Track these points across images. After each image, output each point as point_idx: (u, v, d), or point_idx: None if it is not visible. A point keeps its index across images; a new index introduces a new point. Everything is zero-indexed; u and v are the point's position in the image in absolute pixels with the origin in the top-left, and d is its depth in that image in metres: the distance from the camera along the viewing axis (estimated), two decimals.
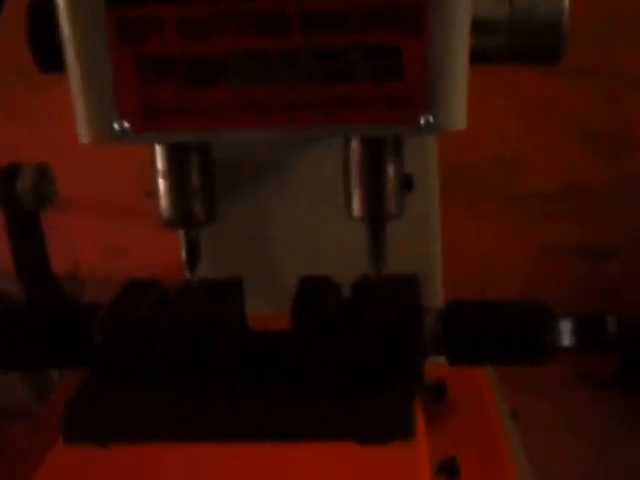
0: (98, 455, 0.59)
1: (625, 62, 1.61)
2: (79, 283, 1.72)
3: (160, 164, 0.61)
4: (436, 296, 0.88)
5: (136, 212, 1.77)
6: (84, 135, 0.55)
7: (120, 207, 1.84)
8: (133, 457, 0.58)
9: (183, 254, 0.65)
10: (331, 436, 0.58)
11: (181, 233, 0.65)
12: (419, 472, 0.56)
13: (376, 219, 0.63)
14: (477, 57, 0.58)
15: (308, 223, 0.85)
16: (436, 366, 0.65)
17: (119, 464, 0.58)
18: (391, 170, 0.61)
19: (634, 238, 1.72)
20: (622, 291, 1.73)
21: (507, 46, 0.60)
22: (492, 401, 0.74)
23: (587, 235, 1.74)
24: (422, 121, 0.54)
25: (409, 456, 0.56)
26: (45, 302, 0.69)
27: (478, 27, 0.57)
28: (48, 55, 0.57)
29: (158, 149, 0.61)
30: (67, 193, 1.81)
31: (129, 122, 0.54)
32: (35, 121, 1.76)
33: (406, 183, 0.62)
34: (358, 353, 0.61)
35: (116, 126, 0.54)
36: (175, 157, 0.61)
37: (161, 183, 0.62)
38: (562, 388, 1.59)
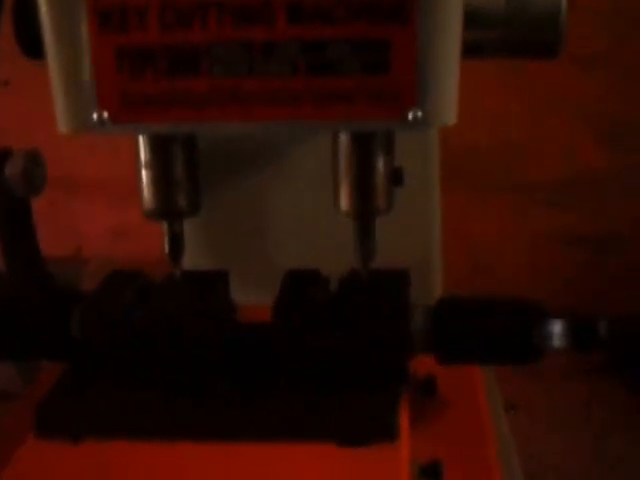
0: (70, 451, 0.58)
1: (631, 49, 1.59)
2: (81, 264, 1.71)
3: (143, 155, 0.60)
4: (435, 289, 0.87)
5: (137, 192, 1.76)
6: (62, 124, 0.54)
7: (125, 188, 1.83)
8: (106, 454, 0.57)
9: (166, 246, 0.64)
10: (312, 437, 0.57)
11: (164, 225, 0.63)
12: (398, 476, 0.54)
13: (364, 214, 0.61)
14: (472, 50, 0.56)
15: (299, 213, 0.84)
16: (427, 359, 0.63)
17: (90, 461, 0.57)
18: (380, 165, 0.59)
19: (639, 227, 1.70)
20: (625, 281, 1.71)
21: (503, 39, 0.58)
22: (483, 396, 0.73)
23: (591, 224, 1.72)
24: (410, 116, 0.52)
25: (389, 459, 0.55)
26: (31, 291, 0.68)
27: (473, 19, 0.55)
28: (31, 42, 0.56)
29: (141, 140, 0.59)
30: (72, 174, 1.81)
31: (108, 112, 0.53)
32: (42, 100, 1.75)
33: (396, 177, 0.60)
34: (342, 351, 0.59)
35: (95, 116, 0.53)
36: (158, 148, 0.59)
37: (144, 174, 0.60)
38: (561, 380, 1.58)
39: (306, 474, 0.55)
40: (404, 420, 0.59)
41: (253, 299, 0.70)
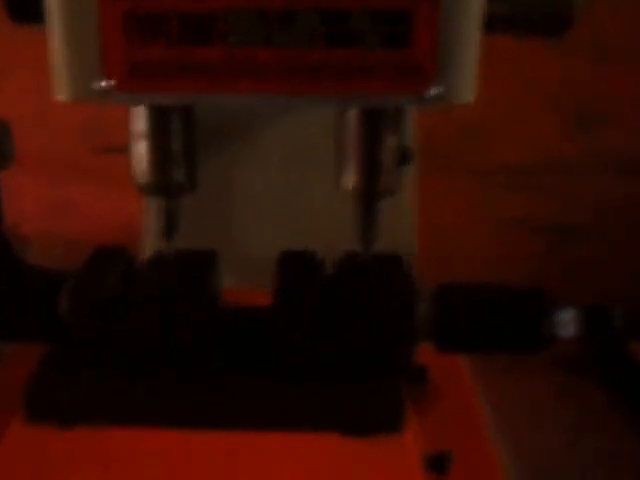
0: (61, 436, 0.55)
1: (601, 34, 1.59)
2: (23, 242, 1.66)
3: (140, 125, 0.56)
4: None
5: (80, 169, 1.71)
6: (63, 92, 0.51)
7: (64, 164, 1.78)
8: (99, 441, 0.55)
9: (160, 223, 0.61)
10: (315, 427, 0.55)
11: (158, 200, 0.60)
12: (408, 465, 0.53)
13: (371, 194, 0.59)
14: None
15: (283, 192, 0.82)
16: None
17: (82, 447, 0.54)
18: (390, 142, 0.57)
19: (602, 214, 1.71)
20: (589, 268, 1.72)
21: (514, 14, 0.56)
22: (472, 384, 0.72)
23: (555, 209, 1.72)
24: (431, 92, 0.50)
25: (398, 449, 0.54)
26: (10, 270, 0.64)
27: None
28: (22, 4, 0.52)
29: (139, 108, 0.56)
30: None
31: (114, 80, 0.50)
32: None
33: (404, 156, 0.58)
34: (344, 340, 0.57)
35: (100, 84, 0.50)
36: (157, 118, 0.56)
37: (140, 146, 0.57)
38: (532, 375, 1.58)
39: (315, 465, 0.53)
40: (407, 410, 0.57)
41: (232, 282, 0.68)
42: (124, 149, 0.59)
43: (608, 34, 1.60)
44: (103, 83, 0.50)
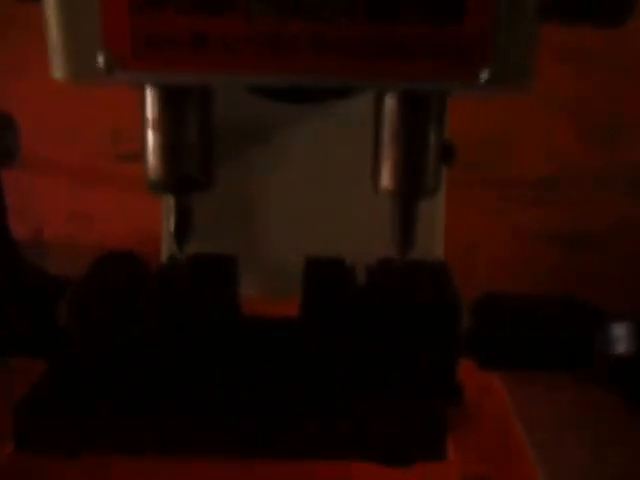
0: (57, 468, 0.49)
1: (620, 46, 1.56)
2: (43, 250, 1.62)
3: (150, 112, 0.50)
4: None
5: (105, 177, 1.69)
6: (60, 70, 0.44)
7: (88, 171, 1.75)
8: (100, 472, 0.48)
9: (171, 224, 0.54)
10: (351, 455, 0.48)
11: (171, 199, 0.53)
12: None
13: (410, 194, 0.52)
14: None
15: (308, 193, 0.75)
16: None
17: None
18: (432, 136, 0.50)
19: (621, 226, 1.69)
20: (607, 279, 1.69)
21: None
22: (508, 403, 0.66)
23: (574, 222, 1.71)
24: (482, 76, 0.44)
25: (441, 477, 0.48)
26: (5, 274, 0.59)
27: None
28: None
29: (149, 93, 0.49)
30: (31, 153, 1.72)
31: (116, 56, 0.43)
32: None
33: (445, 154, 0.52)
34: (380, 356, 0.51)
35: (100, 60, 0.43)
36: (170, 104, 0.50)
37: (150, 136, 0.50)
38: (554, 387, 1.53)
39: None
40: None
41: (252, 291, 0.62)
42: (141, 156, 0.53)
43: (626, 48, 1.57)
44: (105, 59, 0.43)
